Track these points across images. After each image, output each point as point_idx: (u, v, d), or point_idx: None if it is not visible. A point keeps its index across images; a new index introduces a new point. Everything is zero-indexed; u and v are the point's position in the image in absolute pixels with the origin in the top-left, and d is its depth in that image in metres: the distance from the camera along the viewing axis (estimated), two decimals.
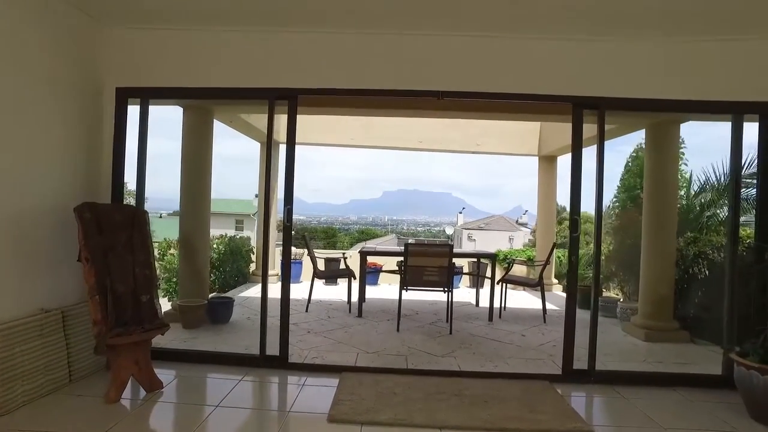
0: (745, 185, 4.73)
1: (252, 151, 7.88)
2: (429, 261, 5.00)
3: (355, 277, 5.93)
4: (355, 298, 5.85)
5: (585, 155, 3.61)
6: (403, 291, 5.04)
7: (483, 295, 6.51)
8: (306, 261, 7.32)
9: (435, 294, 5.27)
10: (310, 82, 3.63)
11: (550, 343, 4.62)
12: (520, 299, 7.14)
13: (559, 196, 8.78)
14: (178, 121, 5.20)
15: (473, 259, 8.09)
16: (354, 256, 7.14)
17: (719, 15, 3.17)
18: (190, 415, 2.86)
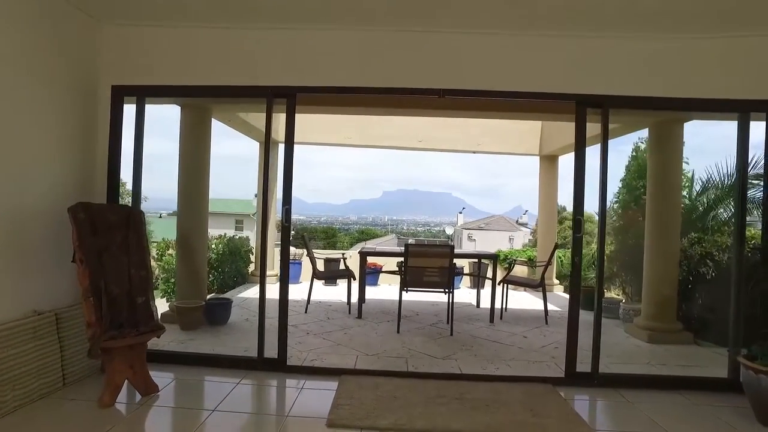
0: (750, 185, 4.67)
1: (252, 150, 7.84)
2: (429, 262, 4.94)
3: (354, 278, 5.87)
4: (354, 299, 5.79)
5: (587, 154, 3.55)
6: (404, 292, 4.98)
7: (484, 295, 6.45)
8: (305, 261, 7.26)
9: (435, 295, 5.21)
10: (309, 80, 3.58)
11: (552, 345, 4.56)
12: (521, 300, 7.09)
13: (560, 196, 8.72)
14: (178, 121, 5.15)
15: (474, 260, 8.06)
16: (354, 257, 7.08)
17: (725, 12, 3.12)
18: (186, 420, 2.81)
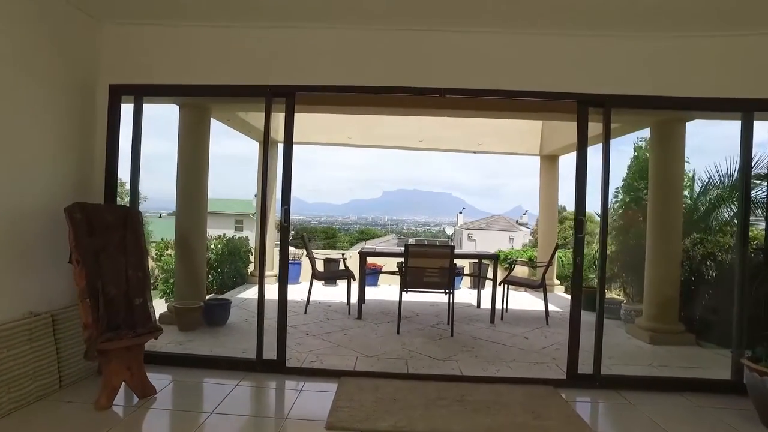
0: (752, 185, 4.64)
1: (252, 150, 7.81)
2: (430, 262, 4.90)
3: (354, 278, 5.84)
4: (354, 299, 5.75)
5: (588, 154, 3.52)
6: (404, 292, 4.95)
7: (484, 296, 6.42)
8: (305, 261, 7.23)
9: (436, 295, 5.18)
10: (308, 79, 3.54)
11: (554, 346, 4.53)
12: (522, 300, 7.05)
13: (560, 196, 8.69)
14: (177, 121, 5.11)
15: (474, 260, 8.03)
16: (353, 257, 7.05)
17: (728, 10, 3.08)
18: (184, 423, 2.78)
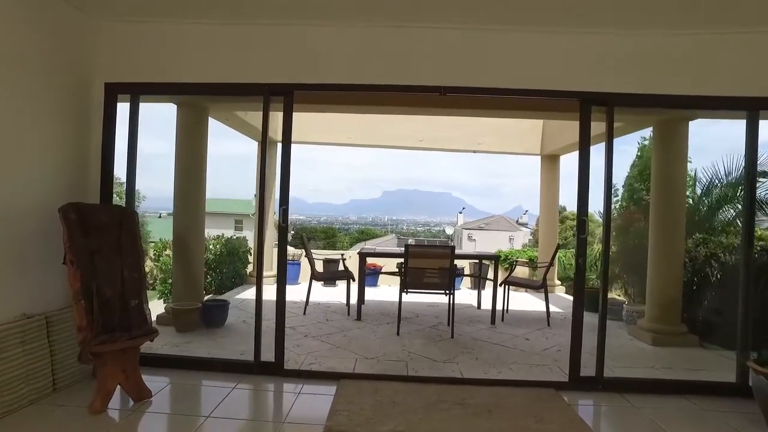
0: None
1: (252, 150, 7.76)
2: (430, 263, 4.85)
3: (354, 279, 5.79)
4: (354, 300, 5.70)
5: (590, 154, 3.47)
6: (403, 293, 4.90)
7: (485, 297, 6.37)
8: (304, 262, 7.18)
9: (436, 296, 5.13)
10: (306, 78, 3.49)
11: (555, 348, 4.48)
12: (523, 301, 7.00)
13: (561, 196, 8.64)
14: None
15: (475, 261, 7.98)
16: (353, 257, 7.00)
17: (734, 6, 3.03)
18: (180, 427, 2.73)
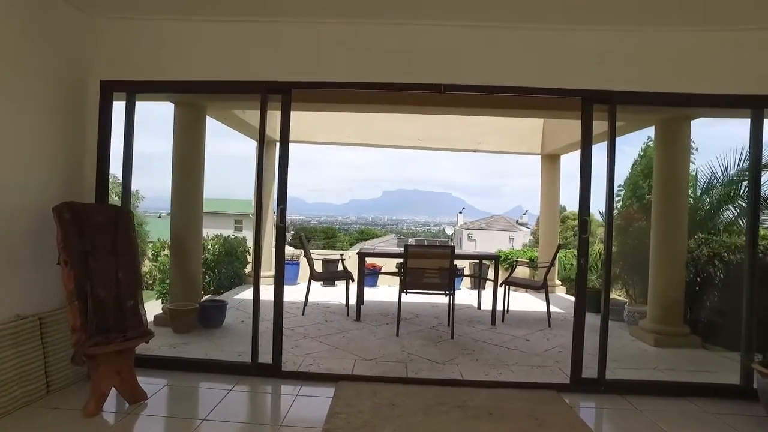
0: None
1: (253, 150, 7.69)
2: (429, 263, 4.81)
3: (353, 279, 5.74)
4: (353, 300, 5.66)
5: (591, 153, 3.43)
6: (403, 294, 4.85)
7: (485, 297, 6.32)
8: (303, 262, 7.13)
9: (436, 296, 5.08)
10: (304, 75, 3.45)
11: (556, 349, 4.43)
12: (523, 302, 6.95)
13: (561, 196, 8.59)
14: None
15: (475, 261, 7.93)
16: (353, 257, 6.95)
17: (738, 3, 2.99)
18: (175, 430, 2.69)
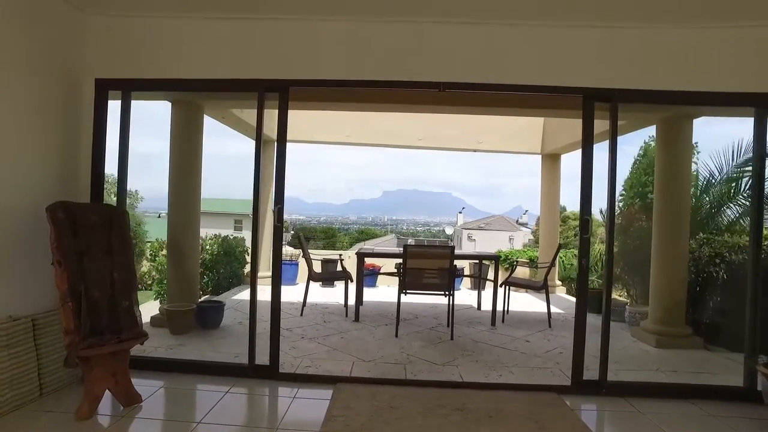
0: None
1: (252, 150, 7.65)
2: (429, 263, 4.76)
3: (352, 280, 5.70)
4: (352, 301, 5.62)
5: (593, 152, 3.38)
6: (402, 294, 4.81)
7: (485, 297, 6.28)
8: (302, 262, 7.09)
9: (435, 297, 5.04)
10: (302, 73, 3.40)
11: (557, 350, 4.39)
12: (523, 302, 6.91)
13: (561, 195, 8.55)
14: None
15: (475, 261, 7.89)
16: (352, 257, 6.91)
17: (742, 1, 2.94)
18: None
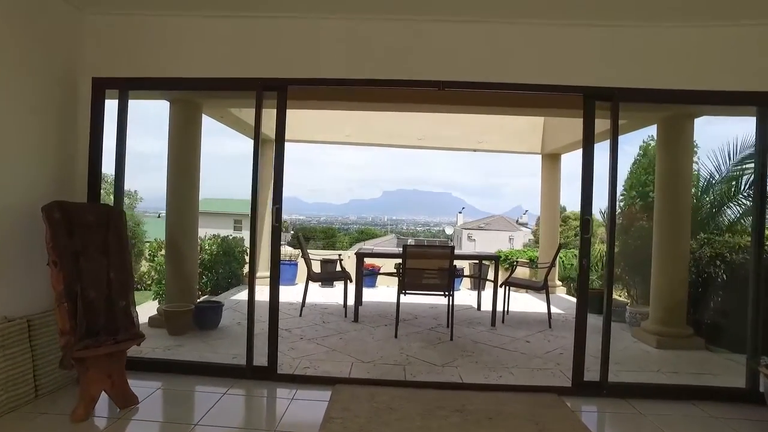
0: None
1: (252, 150, 7.62)
2: (429, 263, 4.74)
3: (351, 280, 5.67)
4: (351, 301, 5.59)
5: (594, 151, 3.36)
6: (402, 295, 4.78)
7: (485, 298, 6.25)
8: (301, 262, 7.06)
9: (435, 297, 5.01)
10: (300, 72, 3.37)
11: (557, 351, 4.36)
12: (523, 302, 6.89)
13: (561, 195, 8.52)
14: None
15: (475, 261, 7.86)
16: (352, 257, 6.88)
17: None
18: None
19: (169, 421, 2.78)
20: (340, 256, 7.01)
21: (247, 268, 7.49)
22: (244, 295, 6.51)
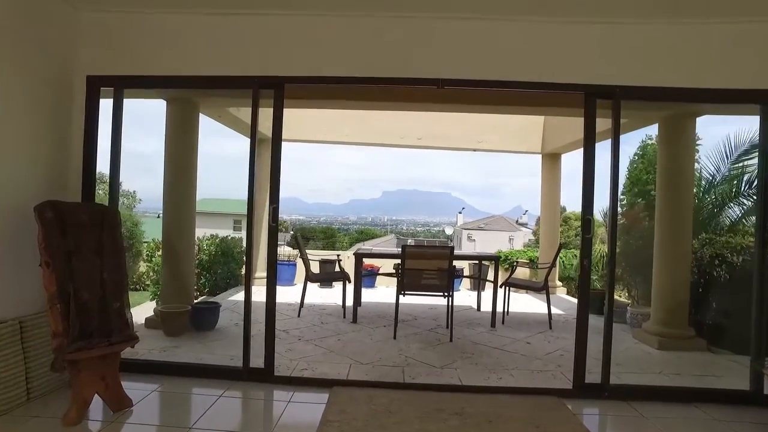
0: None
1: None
2: (428, 263, 4.70)
3: (349, 281, 5.63)
4: (350, 302, 5.54)
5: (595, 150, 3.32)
6: (401, 295, 4.74)
7: (485, 298, 6.21)
8: (300, 263, 7.02)
9: (434, 298, 4.97)
10: (298, 70, 3.33)
11: (558, 352, 4.32)
12: (523, 303, 6.84)
13: (562, 195, 8.48)
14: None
15: (474, 261, 7.82)
16: (351, 258, 6.84)
17: None
18: None
19: (163, 425, 2.74)
20: (338, 256, 6.97)
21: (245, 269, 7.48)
22: (242, 295, 6.45)
